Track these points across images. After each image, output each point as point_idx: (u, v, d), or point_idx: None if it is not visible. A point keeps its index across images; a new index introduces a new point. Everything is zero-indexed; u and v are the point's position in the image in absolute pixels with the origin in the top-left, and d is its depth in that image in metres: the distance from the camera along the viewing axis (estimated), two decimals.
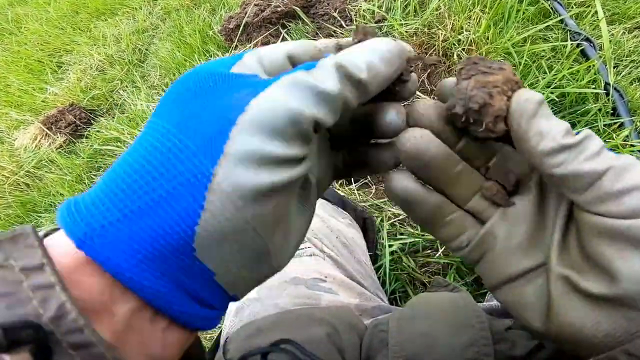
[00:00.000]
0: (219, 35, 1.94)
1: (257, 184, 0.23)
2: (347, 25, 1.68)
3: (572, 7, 1.49)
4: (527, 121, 0.27)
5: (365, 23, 1.64)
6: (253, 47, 1.77)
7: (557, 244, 0.29)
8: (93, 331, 0.20)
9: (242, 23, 1.83)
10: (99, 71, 2.33)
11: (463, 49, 1.39)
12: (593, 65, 1.28)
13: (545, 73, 1.30)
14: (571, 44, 1.35)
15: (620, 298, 0.25)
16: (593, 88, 1.25)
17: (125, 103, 2.07)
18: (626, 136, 1.16)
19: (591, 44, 1.34)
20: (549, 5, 1.47)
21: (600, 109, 1.23)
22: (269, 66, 0.28)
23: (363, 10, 1.66)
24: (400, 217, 1.22)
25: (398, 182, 0.32)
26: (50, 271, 0.21)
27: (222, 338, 0.65)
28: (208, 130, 0.23)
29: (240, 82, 0.26)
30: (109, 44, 2.42)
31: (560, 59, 1.35)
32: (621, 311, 0.25)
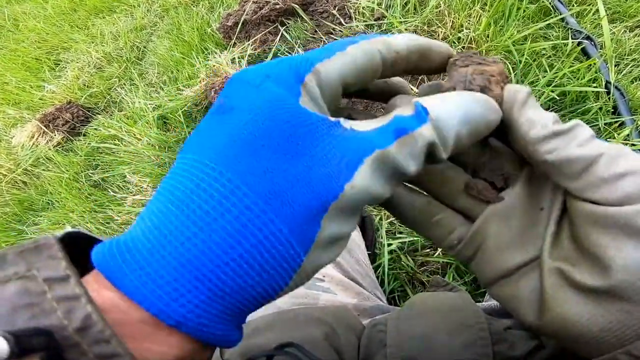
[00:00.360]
0: (217, 32, 1.94)
1: (330, 259, 0.26)
2: (346, 22, 1.68)
3: (573, 6, 1.49)
4: (519, 110, 0.27)
5: (364, 20, 1.63)
6: (251, 45, 1.77)
7: (551, 237, 0.29)
8: (120, 342, 0.20)
9: (241, 21, 1.83)
10: (97, 69, 2.33)
11: (463, 47, 1.39)
12: (594, 63, 1.28)
13: (545, 71, 1.30)
14: (572, 43, 1.35)
15: (614, 290, 0.24)
16: (594, 87, 1.25)
17: (123, 101, 2.07)
18: (627, 135, 1.16)
19: (592, 43, 1.34)
20: (550, 3, 1.47)
21: (601, 108, 1.23)
22: (329, 93, 0.26)
23: (362, 7, 1.66)
24: None
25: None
26: (75, 282, 0.21)
27: None
28: (302, 215, 0.23)
29: (322, 138, 0.23)
30: (107, 42, 2.42)
31: (561, 58, 1.35)
32: (616, 304, 0.24)
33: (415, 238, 1.16)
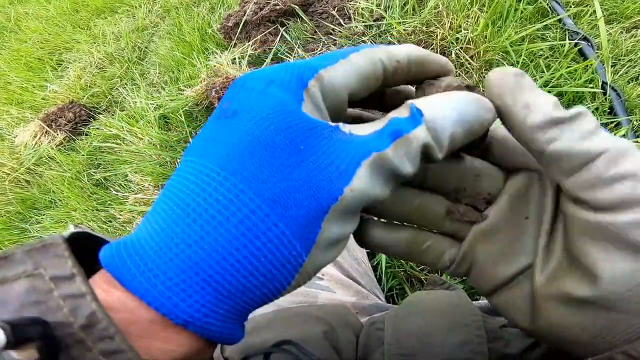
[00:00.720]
0: (218, 33, 1.95)
1: (330, 259, 0.26)
2: (346, 23, 1.68)
3: (571, 7, 1.49)
4: (511, 94, 0.25)
5: (363, 21, 1.64)
6: (252, 46, 1.78)
7: (543, 248, 0.28)
8: (123, 339, 0.21)
9: (241, 21, 1.84)
10: (99, 69, 2.33)
11: (461, 48, 1.39)
12: (591, 64, 1.29)
13: (543, 72, 1.30)
14: (569, 43, 1.35)
15: (601, 300, 0.24)
16: (591, 87, 1.26)
17: (124, 100, 2.07)
18: (623, 135, 1.16)
19: (589, 43, 1.34)
20: (547, 4, 1.47)
21: (597, 108, 1.23)
22: (332, 99, 0.26)
23: (361, 8, 1.66)
24: None
25: (365, 234, 0.32)
26: (80, 281, 0.21)
27: None
28: (304, 217, 0.23)
29: (323, 143, 0.24)
30: (109, 42, 2.42)
31: (558, 58, 1.35)
32: (604, 313, 0.24)
33: None
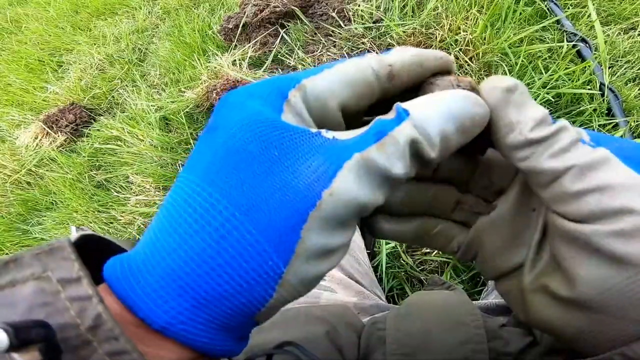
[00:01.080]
0: (218, 35, 1.95)
1: (319, 272, 0.25)
2: (345, 25, 1.69)
3: (569, 8, 1.50)
4: (497, 111, 0.26)
5: (363, 23, 1.65)
6: (252, 47, 1.79)
7: (535, 244, 0.29)
8: (128, 340, 0.21)
9: (241, 23, 1.84)
10: (99, 70, 2.33)
11: (460, 50, 1.40)
12: (589, 65, 1.30)
13: (541, 73, 1.31)
14: (567, 45, 1.36)
15: (579, 301, 0.25)
16: (588, 88, 1.27)
17: (125, 102, 2.07)
18: (621, 136, 1.17)
19: (587, 45, 1.35)
20: (546, 6, 1.48)
21: (595, 109, 1.24)
22: (317, 107, 0.26)
23: (361, 10, 1.67)
24: None
25: (374, 225, 0.33)
26: (87, 283, 0.22)
27: None
28: (279, 225, 0.23)
29: (300, 148, 0.24)
30: (109, 44, 2.42)
31: (556, 60, 1.36)
32: (584, 313, 0.25)
33: None
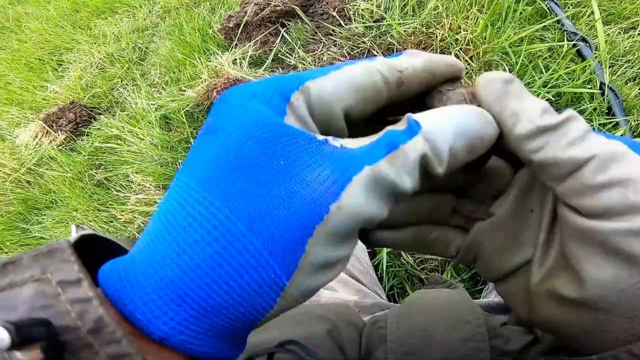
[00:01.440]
0: (219, 34, 1.95)
1: (321, 284, 0.24)
2: (346, 24, 1.69)
3: (569, 8, 1.50)
4: (498, 102, 0.25)
5: (363, 22, 1.65)
6: (253, 46, 1.79)
7: (542, 244, 0.28)
8: (130, 343, 0.21)
9: (242, 22, 1.84)
10: (100, 69, 2.33)
11: (460, 49, 1.40)
12: (589, 65, 1.30)
13: (541, 73, 1.31)
14: (567, 44, 1.36)
15: (587, 301, 0.24)
16: (589, 88, 1.27)
17: (125, 101, 2.07)
18: (621, 135, 1.17)
19: (587, 44, 1.35)
20: (546, 5, 1.48)
21: (595, 109, 1.25)
22: (321, 112, 0.25)
23: (362, 9, 1.67)
24: None
25: (369, 237, 0.32)
26: (87, 285, 0.21)
27: None
28: (284, 239, 0.22)
29: (308, 156, 0.23)
30: (109, 42, 2.42)
31: (556, 59, 1.36)
32: (590, 313, 0.24)
33: None
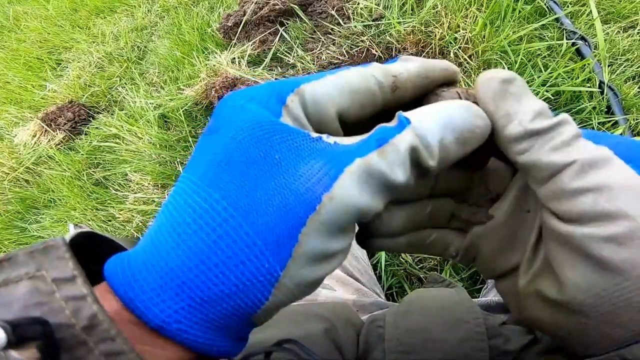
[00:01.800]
0: (218, 33, 1.95)
1: (317, 277, 0.25)
2: (345, 23, 1.69)
3: (568, 6, 1.50)
4: (493, 101, 0.25)
5: (362, 21, 1.65)
6: (251, 45, 1.79)
7: (532, 245, 0.29)
8: (124, 340, 0.21)
9: (241, 21, 1.84)
10: (98, 68, 2.32)
11: (459, 48, 1.40)
12: (588, 63, 1.30)
13: (540, 71, 1.31)
14: (566, 43, 1.36)
15: (568, 304, 0.25)
16: (588, 86, 1.27)
17: (124, 100, 2.07)
18: (620, 134, 1.17)
19: (586, 43, 1.35)
20: (545, 3, 1.48)
21: (594, 107, 1.24)
22: (315, 113, 0.26)
23: (361, 8, 1.67)
24: None
25: (366, 240, 0.33)
26: (81, 283, 0.21)
27: None
28: (277, 228, 0.22)
29: (301, 151, 0.23)
30: (108, 42, 2.42)
31: (555, 58, 1.36)
32: (573, 316, 0.25)
33: None
